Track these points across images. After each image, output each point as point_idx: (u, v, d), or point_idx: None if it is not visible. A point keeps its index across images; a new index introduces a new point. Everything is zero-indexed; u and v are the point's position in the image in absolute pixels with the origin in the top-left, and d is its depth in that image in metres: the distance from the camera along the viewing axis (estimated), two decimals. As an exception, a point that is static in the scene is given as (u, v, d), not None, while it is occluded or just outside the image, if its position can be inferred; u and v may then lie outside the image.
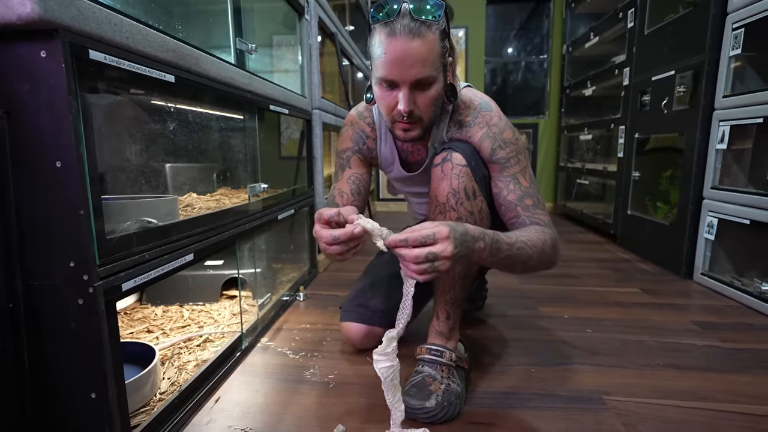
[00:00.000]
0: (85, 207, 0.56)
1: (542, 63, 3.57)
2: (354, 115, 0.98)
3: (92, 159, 0.57)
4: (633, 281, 1.62)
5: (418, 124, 0.79)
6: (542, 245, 0.75)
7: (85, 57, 0.56)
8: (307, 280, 1.63)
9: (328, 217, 0.66)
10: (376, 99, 0.80)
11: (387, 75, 0.73)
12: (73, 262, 0.57)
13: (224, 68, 0.94)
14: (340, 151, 0.98)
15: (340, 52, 2.05)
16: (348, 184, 0.95)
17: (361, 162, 0.98)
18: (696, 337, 1.12)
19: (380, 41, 0.72)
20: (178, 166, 1.20)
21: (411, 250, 0.60)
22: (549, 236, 0.78)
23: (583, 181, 2.83)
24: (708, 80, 1.52)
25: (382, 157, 0.97)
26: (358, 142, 0.96)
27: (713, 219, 1.49)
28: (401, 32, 0.70)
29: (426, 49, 0.71)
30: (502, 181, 0.83)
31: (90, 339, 0.59)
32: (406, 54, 0.70)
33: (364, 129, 0.96)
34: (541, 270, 0.80)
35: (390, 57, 0.71)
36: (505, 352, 1.04)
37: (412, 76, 0.72)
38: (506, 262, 0.72)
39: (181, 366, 0.95)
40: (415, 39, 0.70)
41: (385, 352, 0.68)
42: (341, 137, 0.99)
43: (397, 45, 0.70)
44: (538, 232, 0.77)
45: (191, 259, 0.80)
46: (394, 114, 0.77)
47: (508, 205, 0.82)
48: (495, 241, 0.68)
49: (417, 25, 0.70)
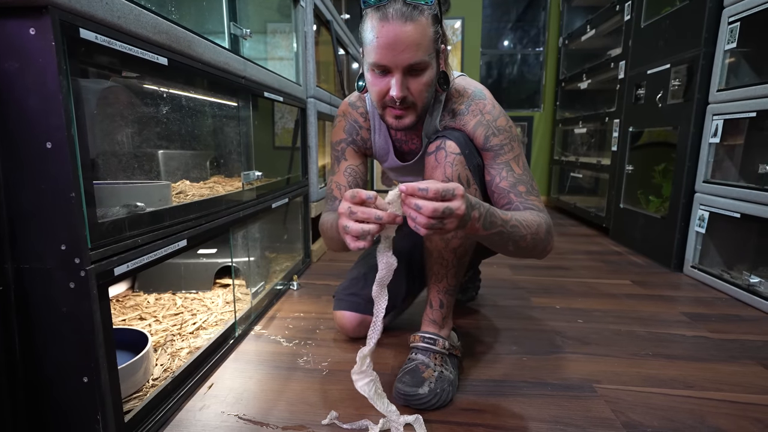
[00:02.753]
0: (77, 189, 0.55)
1: (538, 56, 3.56)
2: (346, 106, 0.97)
3: (83, 141, 0.56)
4: (624, 273, 1.64)
5: (411, 111, 0.78)
6: (537, 228, 0.75)
7: (75, 36, 0.55)
8: (301, 270, 1.63)
9: (367, 197, 0.59)
10: (368, 86, 0.79)
11: (379, 60, 0.72)
12: (65, 245, 0.56)
13: (218, 53, 0.93)
14: (334, 143, 0.98)
15: (336, 40, 2.03)
16: (345, 176, 0.94)
17: (356, 153, 0.97)
18: (685, 328, 1.14)
19: (372, 26, 0.71)
20: (171, 153, 1.18)
21: (429, 203, 0.56)
22: (544, 221, 0.77)
23: (576, 174, 2.85)
24: (703, 74, 1.52)
25: (377, 147, 0.97)
26: (352, 133, 0.95)
27: (704, 212, 1.51)
28: (394, 16, 0.69)
29: (419, 34, 0.70)
30: (495, 168, 0.83)
31: (82, 323, 0.58)
32: (398, 38, 0.69)
33: (357, 119, 0.95)
34: (535, 254, 0.79)
35: (382, 41, 0.70)
36: (497, 342, 1.05)
37: (404, 61, 0.71)
38: (498, 239, 0.71)
39: (174, 353, 0.94)
40: (407, 23, 0.69)
41: (362, 370, 0.69)
42: (334, 129, 0.98)
43: (390, 29, 0.69)
44: (533, 215, 0.77)
45: (184, 246, 0.79)
46: (386, 100, 0.77)
47: (500, 192, 0.82)
48: (490, 213, 0.67)
49: (409, 9, 0.69)
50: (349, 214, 0.60)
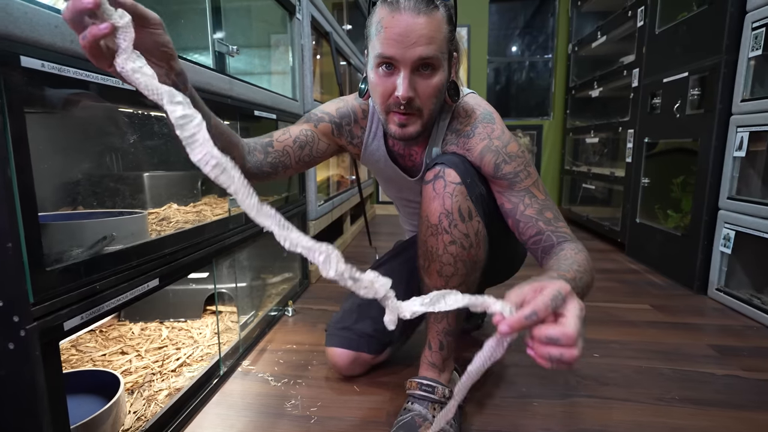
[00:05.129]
0: (15, 239, 0.48)
1: (547, 63, 3.47)
2: (351, 97, 0.88)
3: (25, 181, 0.49)
4: (643, 296, 1.53)
5: (417, 118, 0.70)
6: (589, 266, 0.64)
7: (15, 64, 0.48)
8: (298, 293, 1.55)
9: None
10: (372, 86, 0.71)
11: (386, 51, 0.65)
12: (1, 301, 0.49)
13: (199, 72, 0.86)
14: (318, 109, 0.87)
15: (336, 51, 1.97)
16: (300, 131, 0.83)
17: (330, 135, 0.86)
18: (714, 365, 1.03)
19: (381, 17, 0.64)
20: (157, 175, 1.13)
21: (563, 328, 0.40)
22: (586, 253, 0.67)
23: (589, 185, 2.74)
24: (725, 83, 1.42)
25: (368, 151, 0.88)
26: (343, 119, 0.86)
27: (730, 231, 1.40)
28: (406, 7, 0.62)
29: (432, 27, 0.64)
30: (516, 196, 0.74)
31: (23, 388, 0.51)
32: (410, 29, 0.63)
33: (357, 111, 0.87)
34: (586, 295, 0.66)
35: (392, 32, 0.63)
36: (503, 381, 0.96)
37: (414, 54, 0.64)
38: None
39: (151, 396, 0.87)
40: (420, 15, 0.63)
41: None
42: (328, 103, 0.88)
43: (401, 19, 0.63)
44: (577, 251, 0.65)
45: (155, 286, 0.72)
46: (391, 102, 0.68)
47: (527, 221, 0.72)
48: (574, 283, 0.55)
49: (425, 2, 0.63)
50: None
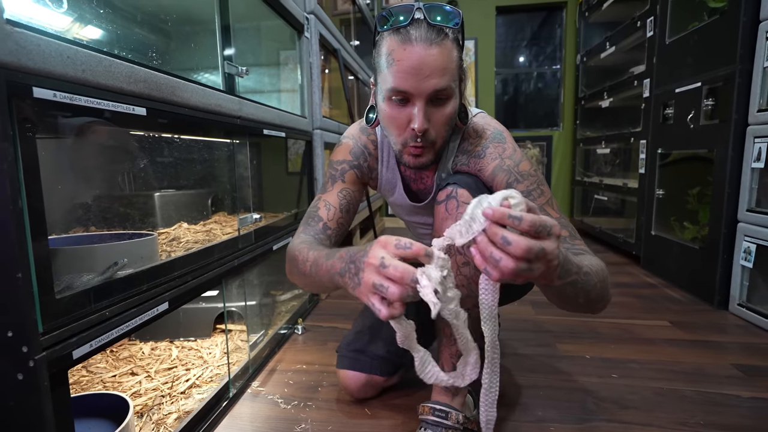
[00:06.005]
0: (25, 269, 0.48)
1: (555, 73, 3.46)
2: (356, 130, 0.88)
3: (36, 210, 0.50)
4: (661, 312, 1.48)
5: (430, 148, 0.70)
6: (603, 274, 0.62)
7: (27, 95, 0.49)
8: (308, 310, 1.54)
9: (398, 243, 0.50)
10: (384, 118, 0.71)
11: (400, 85, 0.64)
12: (11, 331, 0.49)
13: (209, 95, 0.87)
14: (335, 161, 0.87)
15: (344, 68, 1.99)
16: (338, 198, 0.83)
17: (357, 179, 0.86)
18: (739, 386, 0.99)
19: (391, 49, 0.64)
20: (168, 195, 1.13)
21: (522, 239, 0.44)
22: (603, 265, 0.64)
23: (601, 196, 2.70)
24: (740, 93, 1.39)
25: (383, 179, 0.88)
26: (359, 157, 0.86)
27: (751, 245, 1.36)
28: (418, 39, 0.62)
29: (445, 58, 0.63)
30: None
31: (31, 418, 0.50)
32: (423, 62, 0.62)
33: (368, 145, 0.86)
34: (599, 307, 0.65)
35: (405, 65, 0.63)
36: (519, 404, 0.93)
37: (429, 87, 0.64)
38: (571, 290, 0.57)
39: (160, 420, 0.86)
40: (433, 46, 0.62)
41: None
42: (338, 148, 0.88)
43: (414, 52, 0.62)
44: (595, 259, 0.64)
45: (165, 309, 0.72)
46: (407, 135, 0.68)
47: None
48: (566, 259, 0.53)
49: (434, 31, 0.62)
50: (380, 266, 0.49)
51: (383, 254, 0.50)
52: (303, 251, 0.71)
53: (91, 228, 0.97)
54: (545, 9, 3.38)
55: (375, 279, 0.50)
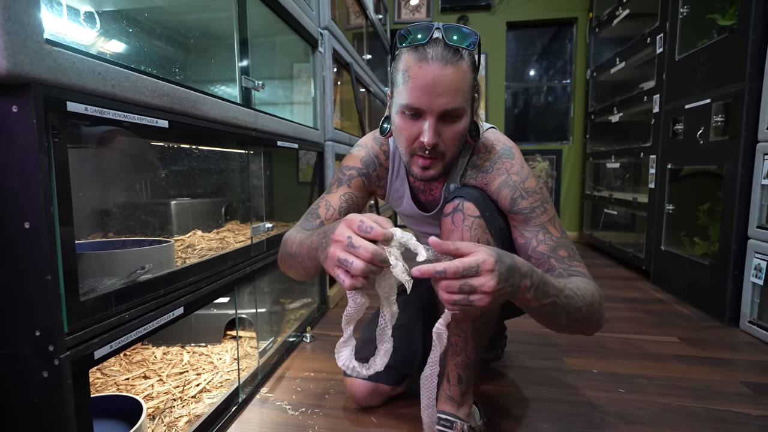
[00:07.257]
0: (54, 272, 0.51)
1: (565, 87, 3.48)
2: (370, 139, 0.91)
3: (66, 218, 0.53)
4: (670, 328, 1.47)
5: (439, 161, 0.73)
6: (591, 298, 0.65)
7: (62, 109, 0.53)
8: (316, 318, 1.56)
9: (361, 225, 0.54)
10: (396, 130, 0.74)
11: (413, 102, 0.67)
12: (39, 330, 0.52)
13: (226, 108, 0.91)
14: (345, 166, 0.89)
15: (356, 81, 2.03)
16: (340, 200, 0.85)
17: (363, 187, 0.89)
18: (749, 404, 0.98)
19: (408, 66, 0.67)
20: (183, 203, 1.17)
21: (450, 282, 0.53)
22: (596, 290, 0.68)
23: (610, 211, 2.69)
24: (749, 110, 1.40)
25: (392, 189, 0.91)
26: (369, 166, 0.88)
27: (762, 262, 1.35)
28: (434, 57, 0.65)
29: (458, 78, 0.66)
30: (529, 231, 0.74)
31: (54, 415, 0.53)
32: (437, 81, 0.65)
33: (379, 155, 0.89)
34: (587, 329, 0.69)
35: (419, 83, 0.66)
36: (525, 416, 0.94)
37: (441, 106, 0.66)
38: (550, 311, 0.61)
39: (171, 423, 0.88)
40: (448, 66, 0.65)
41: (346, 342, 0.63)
42: (350, 155, 0.91)
43: (429, 70, 0.65)
44: (585, 283, 0.67)
45: (180, 314, 0.75)
46: (415, 146, 0.71)
47: (539, 257, 0.72)
48: (543, 282, 0.58)
49: (451, 52, 0.65)
50: (349, 245, 0.54)
51: (349, 233, 0.54)
52: (292, 235, 0.78)
53: (109, 234, 1.01)
54: (556, 24, 3.41)
55: (340, 254, 0.54)
